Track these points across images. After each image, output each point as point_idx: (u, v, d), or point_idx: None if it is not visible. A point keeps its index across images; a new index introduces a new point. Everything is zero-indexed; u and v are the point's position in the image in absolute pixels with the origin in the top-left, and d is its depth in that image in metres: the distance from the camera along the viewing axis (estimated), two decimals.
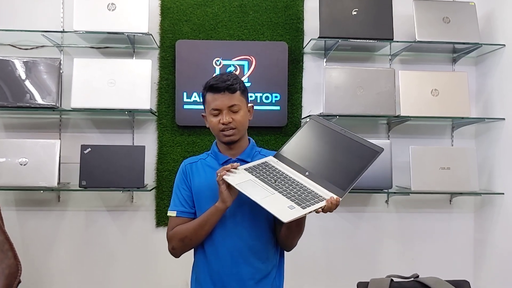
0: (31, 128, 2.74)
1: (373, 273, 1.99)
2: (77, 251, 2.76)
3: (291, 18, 2.86)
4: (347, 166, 1.57)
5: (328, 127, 1.67)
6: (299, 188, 1.54)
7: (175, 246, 1.70)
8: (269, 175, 1.60)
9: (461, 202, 2.94)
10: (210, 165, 1.74)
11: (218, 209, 1.59)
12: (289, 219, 1.39)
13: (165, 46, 2.80)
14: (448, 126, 2.95)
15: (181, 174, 1.77)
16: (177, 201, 1.73)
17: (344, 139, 1.61)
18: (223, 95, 1.63)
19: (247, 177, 1.58)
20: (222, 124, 1.64)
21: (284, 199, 1.49)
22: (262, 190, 1.53)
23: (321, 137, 1.68)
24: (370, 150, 1.56)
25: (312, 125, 1.72)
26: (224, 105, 1.63)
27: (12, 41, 2.73)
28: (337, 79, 2.66)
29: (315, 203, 1.47)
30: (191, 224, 1.67)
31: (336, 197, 1.49)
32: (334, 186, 1.53)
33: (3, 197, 2.68)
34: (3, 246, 2.13)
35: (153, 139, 2.80)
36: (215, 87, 1.63)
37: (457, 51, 2.89)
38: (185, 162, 1.80)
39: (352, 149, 1.59)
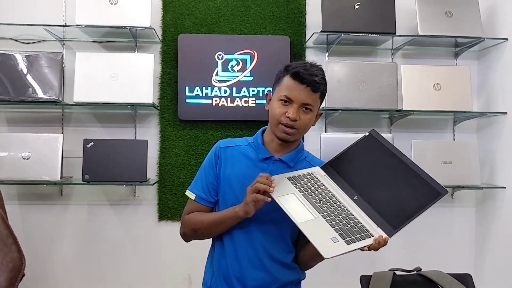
0: (34, 122, 2.74)
1: (376, 267, 2.00)
2: (80, 245, 2.77)
3: (293, 12, 2.85)
4: (402, 201, 1.40)
5: (388, 148, 1.50)
6: (345, 216, 1.39)
7: (187, 233, 1.60)
8: (314, 192, 1.44)
9: (463, 196, 2.94)
10: (248, 156, 1.57)
11: (237, 216, 1.46)
12: (331, 255, 1.25)
13: (167, 40, 2.80)
14: (450, 120, 2.95)
15: (212, 157, 1.60)
16: (199, 185, 1.59)
17: (405, 168, 1.44)
18: (304, 89, 1.46)
19: (290, 189, 1.43)
20: (288, 117, 1.46)
21: (327, 227, 1.34)
22: (305, 210, 1.37)
23: (378, 157, 1.50)
24: (432, 189, 1.38)
25: (370, 141, 1.54)
26: (299, 99, 1.46)
27: (14, 35, 2.73)
28: (339, 73, 2.66)
29: (361, 239, 1.33)
30: (206, 218, 1.55)
31: (385, 237, 1.35)
32: (384, 221, 1.38)
33: (6, 191, 2.68)
34: (7, 239, 2.14)
35: (155, 133, 2.81)
36: (301, 76, 1.45)
37: (459, 45, 2.89)
38: (220, 144, 1.62)
39: (411, 181, 1.42)
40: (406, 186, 1.42)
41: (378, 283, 1.79)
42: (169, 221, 2.77)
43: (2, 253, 2.09)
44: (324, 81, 1.52)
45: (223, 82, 2.76)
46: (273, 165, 1.55)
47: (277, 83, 1.53)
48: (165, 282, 2.79)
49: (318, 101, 1.53)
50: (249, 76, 2.77)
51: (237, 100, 2.76)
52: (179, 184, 2.77)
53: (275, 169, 1.55)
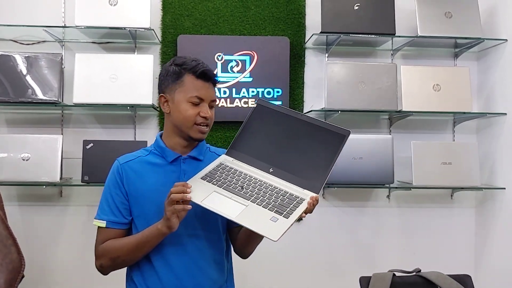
0: (33, 123, 2.74)
1: (375, 268, 2.00)
2: (79, 246, 2.77)
3: (293, 13, 2.85)
4: (314, 156, 1.40)
5: (280, 112, 1.49)
6: (272, 192, 1.37)
7: (104, 265, 1.50)
8: (232, 181, 1.40)
9: (463, 197, 2.94)
10: (155, 163, 1.50)
11: (161, 233, 1.36)
12: (279, 236, 1.23)
13: (167, 41, 2.80)
14: (449, 121, 2.95)
15: (114, 176, 1.48)
16: (107, 209, 1.47)
17: (302, 124, 1.44)
18: (209, 86, 1.46)
19: (209, 189, 1.38)
20: (203, 117, 1.44)
21: (261, 210, 1.32)
22: (233, 203, 1.34)
23: (275, 124, 1.48)
24: (336, 134, 1.40)
25: (261, 111, 1.51)
26: (209, 97, 1.45)
27: (14, 36, 2.73)
28: (339, 74, 2.66)
29: (296, 207, 1.31)
30: (126, 244, 1.43)
31: (316, 195, 1.34)
32: (307, 181, 1.37)
33: (6, 192, 2.67)
34: (7, 241, 2.14)
35: (155, 134, 2.78)
36: (207, 74, 1.45)
37: (459, 46, 2.89)
38: (120, 160, 1.52)
39: (314, 135, 1.42)
40: (311, 141, 1.42)
41: (378, 284, 1.79)
42: None
43: (2, 254, 2.09)
44: None
45: (222, 83, 2.76)
46: (183, 164, 1.50)
47: (176, 84, 1.46)
48: None
49: None
50: (248, 77, 2.77)
51: (236, 101, 2.76)
52: None
53: (187, 167, 1.50)
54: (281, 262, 2.84)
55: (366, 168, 2.60)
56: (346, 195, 2.88)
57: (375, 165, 2.61)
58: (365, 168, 2.60)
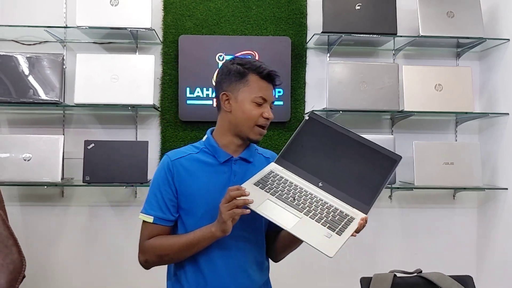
0: (35, 123, 2.75)
1: (376, 269, 1.99)
2: (80, 246, 2.77)
3: (294, 13, 2.85)
4: (364, 176, 1.40)
5: (332, 128, 1.48)
6: (323, 206, 1.37)
7: (150, 260, 1.51)
8: (284, 191, 1.40)
9: (465, 197, 2.93)
10: (205, 162, 1.49)
11: (214, 236, 1.37)
12: (334, 252, 1.25)
13: (168, 41, 2.80)
14: (451, 121, 2.94)
15: (164, 172, 1.48)
16: (155, 205, 1.47)
17: (353, 143, 1.45)
18: (271, 88, 1.47)
19: (263, 196, 1.37)
20: (265, 118, 1.45)
21: (315, 224, 1.33)
22: (287, 213, 1.34)
23: (325, 138, 1.48)
24: (387, 158, 1.41)
25: (313, 124, 1.51)
26: (271, 99, 1.47)
27: (15, 36, 2.73)
28: (341, 74, 2.65)
29: (347, 225, 1.32)
30: (175, 243, 1.45)
31: (366, 216, 1.35)
32: (356, 200, 1.38)
33: (7, 192, 2.68)
34: (7, 241, 2.15)
35: (156, 135, 2.81)
36: (271, 75, 1.45)
37: (461, 46, 2.88)
38: (170, 156, 1.51)
39: (364, 155, 1.42)
40: (362, 161, 1.42)
41: (379, 285, 1.78)
42: None
43: (3, 255, 2.10)
44: None
45: None
46: (234, 165, 1.50)
47: (241, 82, 1.45)
48: (165, 283, 2.78)
49: None
50: None
51: None
52: None
53: (237, 169, 1.51)
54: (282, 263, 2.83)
55: None
56: None
57: None
58: None
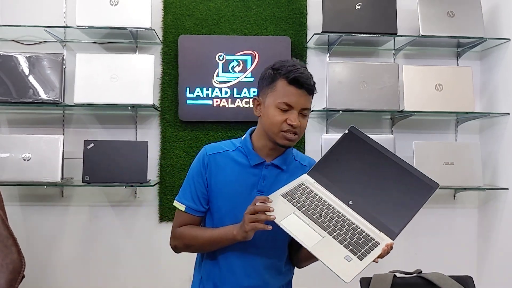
0: (34, 123, 2.75)
1: (376, 269, 1.98)
2: (80, 246, 2.77)
3: (294, 12, 2.84)
4: (397, 200, 1.36)
5: (371, 144, 1.45)
6: (349, 227, 1.35)
7: (179, 247, 1.57)
8: (312, 206, 1.39)
9: (465, 198, 2.93)
10: (238, 161, 1.52)
11: (235, 239, 1.41)
12: (352, 277, 1.23)
13: (168, 41, 2.79)
14: (452, 121, 2.93)
15: (199, 164, 1.53)
16: (189, 195, 1.54)
17: (391, 164, 1.41)
18: (302, 94, 1.42)
19: (289, 209, 1.37)
20: (289, 124, 1.41)
21: (337, 245, 1.31)
22: (310, 230, 1.33)
23: (362, 155, 1.44)
24: (424, 184, 1.36)
25: (351, 139, 1.48)
26: (299, 105, 1.42)
27: (15, 36, 2.73)
28: (341, 74, 2.65)
29: (370, 250, 1.29)
30: (201, 236, 1.50)
31: (391, 242, 1.33)
32: (384, 224, 1.35)
33: (7, 192, 2.68)
34: (7, 241, 2.14)
35: (156, 134, 2.80)
36: (300, 81, 1.41)
37: (462, 46, 2.87)
38: (207, 150, 1.54)
39: (401, 178, 1.38)
40: (397, 183, 1.38)
41: (378, 285, 1.78)
42: (170, 222, 2.76)
43: (2, 255, 2.09)
44: (314, 83, 1.48)
45: (223, 83, 2.75)
46: (265, 169, 1.51)
47: (269, 87, 1.47)
48: (166, 283, 2.79)
49: (311, 103, 1.50)
50: (249, 77, 2.77)
51: (238, 101, 2.76)
52: (179, 185, 2.72)
53: (268, 174, 1.51)
54: None
55: None
56: None
57: None
58: None
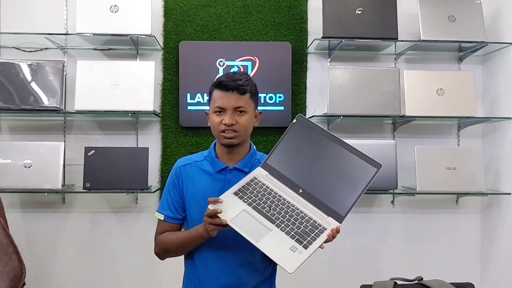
0: (36, 130, 2.75)
1: (378, 275, 1.98)
2: (82, 253, 2.77)
3: (294, 18, 2.84)
4: (342, 182, 1.44)
5: (318, 131, 1.53)
6: (297, 216, 1.43)
7: (160, 253, 1.69)
8: (262, 200, 1.47)
9: (468, 203, 2.91)
10: (205, 170, 1.65)
11: (202, 237, 1.53)
12: (295, 268, 1.31)
13: (169, 47, 2.80)
14: (454, 125, 2.92)
15: (173, 176, 1.69)
16: (166, 205, 1.67)
17: (337, 148, 1.48)
18: (231, 95, 1.54)
19: (239, 207, 1.46)
20: (224, 124, 1.54)
21: (284, 237, 1.38)
22: (259, 226, 1.41)
23: (310, 142, 1.53)
24: (367, 166, 1.43)
25: (299, 127, 1.56)
26: (230, 105, 1.54)
27: (16, 43, 2.74)
28: (341, 79, 2.64)
29: (316, 237, 1.37)
30: (175, 239, 1.63)
31: (337, 226, 1.41)
32: (332, 208, 1.42)
33: (9, 199, 2.69)
34: (7, 248, 2.14)
35: (157, 140, 2.80)
36: (224, 84, 1.54)
37: (463, 50, 2.86)
38: (179, 163, 1.71)
39: (346, 161, 1.45)
40: (344, 168, 1.45)
41: None
42: None
43: (3, 262, 2.09)
44: (250, 83, 1.59)
45: None
46: (229, 174, 1.62)
47: (210, 99, 1.61)
48: None
49: (250, 101, 1.59)
50: None
51: None
52: None
53: (232, 178, 1.61)
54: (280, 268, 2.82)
55: None
56: None
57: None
58: None
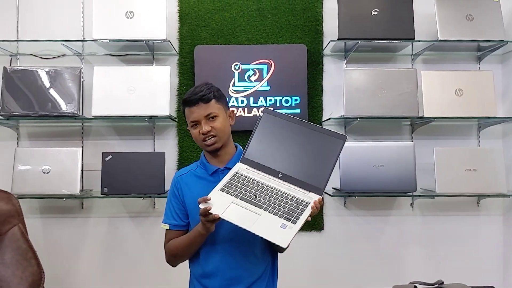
0: (54, 136, 2.78)
1: (398, 279, 1.95)
2: (100, 257, 2.79)
3: (310, 20, 2.83)
4: (315, 160, 1.56)
5: (285, 120, 1.64)
6: (281, 197, 1.53)
7: (169, 260, 1.77)
8: (247, 190, 1.57)
9: (489, 205, 2.85)
10: (200, 176, 1.75)
11: (202, 235, 1.60)
12: (288, 242, 1.39)
13: (184, 52, 2.81)
14: (474, 126, 2.87)
15: (172, 187, 1.78)
16: (170, 215, 1.76)
17: (304, 131, 1.60)
18: (198, 107, 1.65)
19: (228, 200, 1.55)
20: (202, 134, 1.65)
21: (273, 218, 1.48)
22: (248, 213, 1.50)
23: (281, 131, 1.64)
24: (333, 139, 1.55)
25: (267, 119, 1.67)
26: (200, 116, 1.65)
27: (35, 51, 2.78)
28: (358, 80, 2.62)
29: (302, 212, 1.47)
30: (180, 243, 1.70)
31: (319, 199, 1.51)
32: (311, 184, 1.53)
33: (28, 204, 2.72)
34: (27, 254, 2.17)
35: (173, 145, 2.81)
36: (188, 100, 1.66)
37: (482, 49, 2.81)
38: (176, 174, 1.82)
39: (315, 140, 1.58)
40: (312, 146, 1.57)
41: None
42: None
43: (22, 268, 2.12)
44: (211, 90, 1.67)
45: (240, 92, 2.75)
46: (222, 174, 1.69)
47: (185, 118, 1.72)
48: None
49: (219, 105, 1.68)
50: (266, 86, 2.76)
51: (254, 110, 2.75)
52: None
53: None
54: (302, 271, 2.80)
55: (387, 176, 2.55)
56: (368, 204, 2.82)
57: (397, 173, 2.56)
58: (386, 176, 2.55)
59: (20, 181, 2.51)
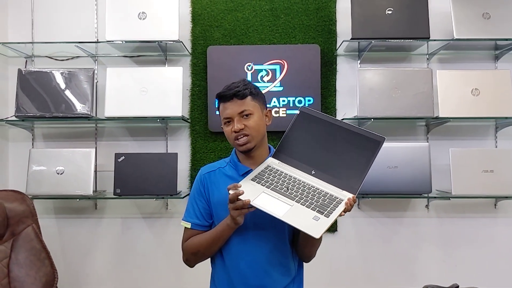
0: (68, 137, 2.80)
1: (412, 282, 1.91)
2: (113, 258, 2.80)
3: (323, 20, 2.80)
4: (351, 159, 1.53)
5: (321, 118, 1.62)
6: (314, 192, 1.51)
7: (189, 259, 1.68)
8: (279, 182, 1.54)
9: (507, 206, 2.79)
10: (230, 176, 1.66)
11: (230, 228, 1.54)
12: (321, 233, 1.36)
13: (197, 52, 2.80)
14: (491, 126, 2.81)
15: (198, 184, 1.70)
16: (192, 213, 1.68)
17: (341, 130, 1.57)
18: (232, 103, 1.58)
19: (259, 190, 1.52)
20: (234, 132, 1.58)
21: (305, 209, 1.45)
22: (280, 203, 1.47)
23: (316, 129, 1.61)
24: (372, 140, 1.52)
25: (304, 117, 1.64)
26: (234, 113, 1.58)
27: (49, 52, 2.81)
28: (372, 80, 2.58)
29: (335, 207, 1.44)
30: (204, 239, 1.63)
31: (353, 196, 1.47)
32: (344, 182, 1.51)
33: (43, 205, 2.74)
34: (40, 254, 2.19)
35: (186, 146, 2.81)
36: (223, 95, 1.60)
37: (499, 48, 2.76)
38: (203, 170, 1.72)
39: (352, 140, 1.55)
40: (349, 146, 1.55)
41: None
42: None
43: (36, 268, 2.14)
44: (248, 86, 1.60)
45: None
46: None
47: (220, 114, 1.65)
48: None
49: (254, 102, 1.60)
50: (279, 86, 2.74)
51: None
52: None
53: None
54: (315, 273, 2.77)
55: (401, 177, 2.52)
56: (383, 205, 2.79)
57: (411, 174, 2.52)
58: (401, 177, 2.52)
59: (35, 182, 2.53)
